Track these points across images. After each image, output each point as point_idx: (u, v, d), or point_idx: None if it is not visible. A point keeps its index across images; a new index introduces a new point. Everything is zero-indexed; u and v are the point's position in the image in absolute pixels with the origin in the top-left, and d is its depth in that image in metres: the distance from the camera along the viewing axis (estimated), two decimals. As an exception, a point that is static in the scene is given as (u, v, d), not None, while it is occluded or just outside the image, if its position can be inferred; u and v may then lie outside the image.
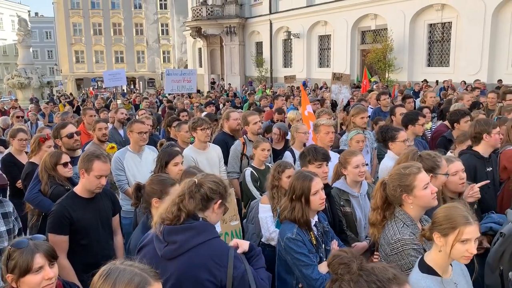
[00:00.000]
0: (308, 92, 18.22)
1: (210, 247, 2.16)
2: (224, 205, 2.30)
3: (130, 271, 1.46)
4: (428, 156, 3.17)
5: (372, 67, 22.06)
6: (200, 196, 2.22)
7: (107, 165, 3.42)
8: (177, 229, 2.16)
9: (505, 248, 2.62)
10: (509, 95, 7.65)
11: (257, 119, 5.64)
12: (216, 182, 2.29)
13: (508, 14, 17.36)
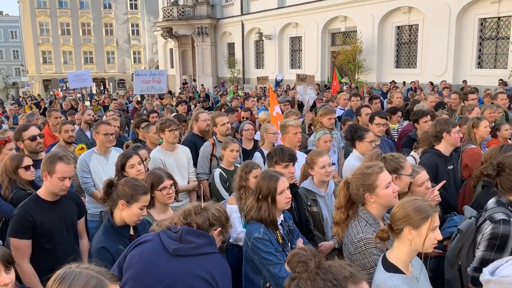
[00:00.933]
0: (280, 93, 18.34)
1: (217, 259, 2.31)
2: (223, 234, 2.39)
3: (86, 274, 1.44)
4: (392, 157, 3.23)
5: (342, 69, 22.39)
6: (207, 216, 2.33)
7: (70, 167, 3.35)
8: (195, 232, 2.26)
9: (463, 244, 2.71)
10: (471, 95, 7.91)
11: (225, 121, 5.64)
12: (220, 211, 2.39)
13: (472, 17, 17.96)
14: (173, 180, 3.43)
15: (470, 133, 4.95)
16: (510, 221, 2.47)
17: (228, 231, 2.43)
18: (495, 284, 1.71)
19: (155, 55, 48.19)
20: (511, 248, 2.44)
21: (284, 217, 3.07)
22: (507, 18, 17.13)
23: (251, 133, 5.90)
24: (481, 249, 2.53)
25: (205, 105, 11.05)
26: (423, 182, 3.16)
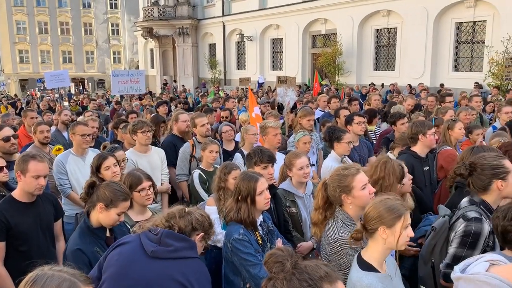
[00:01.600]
0: (262, 94, 18.39)
1: (196, 264, 2.26)
2: (205, 240, 2.37)
3: (58, 276, 1.42)
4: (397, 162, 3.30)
5: (323, 71, 22.59)
6: (190, 220, 2.29)
7: (44, 165, 3.30)
8: (175, 235, 2.22)
9: (436, 241, 2.77)
10: (448, 98, 8.09)
11: (205, 121, 5.62)
12: (203, 216, 2.36)
13: (448, 21, 18.35)
14: (152, 181, 3.41)
15: (445, 135, 5.06)
16: (482, 219, 2.54)
17: (210, 237, 2.41)
18: (465, 281, 1.75)
19: (135, 55, 47.71)
20: (482, 246, 2.51)
21: (264, 218, 3.09)
22: (482, 22, 17.56)
23: (230, 134, 5.90)
24: (453, 246, 2.60)
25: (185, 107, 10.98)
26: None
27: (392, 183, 3.14)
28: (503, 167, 2.59)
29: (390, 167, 3.15)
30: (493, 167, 2.61)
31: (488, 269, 1.74)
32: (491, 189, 2.63)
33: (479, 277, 1.71)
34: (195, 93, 25.30)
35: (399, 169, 3.21)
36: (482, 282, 1.69)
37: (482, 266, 1.77)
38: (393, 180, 3.14)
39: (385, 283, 2.15)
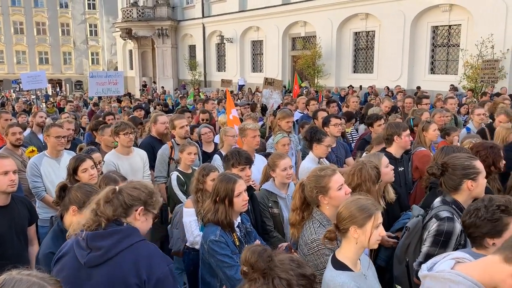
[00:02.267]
0: (241, 96, 18.41)
1: (136, 250, 2.10)
2: (150, 212, 2.22)
3: (27, 280, 1.39)
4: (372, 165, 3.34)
5: (303, 73, 22.74)
6: (118, 202, 2.15)
7: (8, 160, 3.31)
8: (101, 234, 2.09)
9: (410, 241, 2.83)
10: (425, 100, 8.26)
11: (184, 123, 5.59)
12: (138, 189, 2.20)
13: (425, 24, 18.72)
14: None
15: (420, 136, 5.16)
16: (454, 219, 2.59)
17: (155, 205, 2.24)
18: (430, 279, 1.78)
19: (114, 56, 47.11)
20: (454, 244, 2.57)
21: (242, 219, 3.09)
22: (457, 26, 17.97)
23: (208, 136, 5.89)
24: (426, 245, 2.65)
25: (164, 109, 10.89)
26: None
27: (370, 188, 3.22)
28: (474, 167, 2.65)
29: (365, 173, 3.22)
30: (464, 168, 2.68)
31: (453, 267, 1.78)
32: (462, 189, 2.69)
33: (444, 275, 1.74)
34: (174, 94, 25.14)
35: (374, 173, 3.27)
36: (447, 279, 1.72)
37: (447, 264, 1.80)
38: (370, 185, 3.22)
39: (358, 282, 2.18)
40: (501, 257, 1.67)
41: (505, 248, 1.70)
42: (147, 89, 30.96)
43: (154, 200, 2.24)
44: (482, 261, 1.77)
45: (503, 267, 1.65)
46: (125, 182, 2.32)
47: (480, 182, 2.66)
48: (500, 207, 2.19)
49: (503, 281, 1.66)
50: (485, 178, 2.78)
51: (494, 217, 2.18)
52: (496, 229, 2.18)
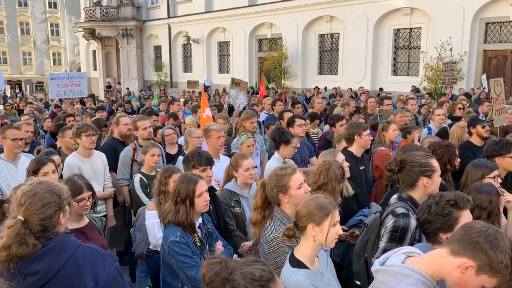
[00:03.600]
0: (208, 97, 18.33)
1: (76, 261, 1.99)
2: (68, 207, 2.08)
3: None
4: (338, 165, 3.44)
5: (269, 74, 22.88)
6: (34, 234, 1.93)
7: None
8: (33, 258, 1.90)
9: (368, 237, 2.91)
10: (386, 101, 8.49)
11: (147, 125, 5.52)
12: (45, 205, 1.96)
13: (387, 27, 19.23)
14: (92, 191, 3.29)
15: (380, 136, 5.30)
16: (409, 215, 2.68)
17: (69, 198, 2.10)
18: (382, 273, 1.84)
19: (76, 56, 45.93)
20: (409, 240, 2.66)
21: (203, 220, 3.09)
22: (417, 29, 18.56)
23: (172, 137, 5.85)
24: (383, 241, 2.73)
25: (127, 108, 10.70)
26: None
27: (335, 187, 3.33)
28: (430, 165, 2.76)
29: (332, 173, 3.33)
30: (420, 165, 2.78)
31: (404, 261, 1.85)
32: (418, 186, 2.78)
33: (394, 269, 1.81)
34: (140, 96, 24.75)
35: (339, 172, 3.37)
36: (397, 273, 1.79)
37: (398, 258, 1.87)
38: (335, 184, 3.34)
39: (314, 279, 2.22)
40: (448, 250, 1.76)
41: (451, 241, 1.78)
42: (112, 90, 30.35)
43: (65, 196, 2.07)
44: (430, 255, 1.85)
45: (450, 260, 1.73)
46: None
47: (435, 180, 2.76)
48: (449, 202, 2.28)
49: (449, 273, 1.74)
50: (440, 176, 2.90)
51: (445, 211, 2.28)
52: (448, 223, 2.27)
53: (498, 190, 2.90)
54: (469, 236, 1.71)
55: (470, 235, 1.71)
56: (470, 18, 16.41)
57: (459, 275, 1.71)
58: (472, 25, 16.51)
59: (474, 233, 1.71)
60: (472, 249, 1.68)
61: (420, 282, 1.75)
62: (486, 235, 1.69)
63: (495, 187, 2.91)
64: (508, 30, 16.26)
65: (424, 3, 17.49)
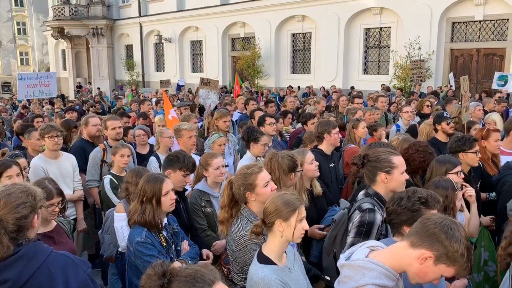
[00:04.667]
0: (182, 96, 18.19)
1: (47, 268, 1.97)
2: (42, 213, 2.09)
3: None
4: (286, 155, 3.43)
5: (243, 73, 22.90)
6: (8, 233, 1.91)
7: None
8: (4, 265, 1.88)
9: (337, 233, 2.96)
10: (357, 99, 8.64)
11: (116, 125, 5.45)
12: (20, 204, 1.96)
13: (358, 26, 19.53)
14: (62, 196, 3.23)
15: (350, 133, 5.40)
16: (375, 210, 2.74)
17: (42, 200, 2.09)
18: (347, 268, 1.89)
19: (45, 56, 44.77)
20: (375, 234, 2.72)
21: (168, 220, 3.08)
22: (387, 28, 18.93)
23: (143, 138, 5.79)
24: (351, 236, 2.78)
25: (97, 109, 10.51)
26: (312, 160, 3.27)
27: (279, 176, 3.31)
28: (390, 161, 2.80)
29: (275, 162, 3.34)
30: (380, 161, 2.83)
31: (368, 255, 1.91)
32: (377, 181, 2.84)
33: (358, 263, 1.86)
34: (111, 96, 24.36)
35: (286, 163, 3.36)
36: (361, 267, 1.85)
37: (362, 252, 1.93)
38: (279, 173, 3.32)
39: (281, 275, 2.25)
40: (407, 242, 1.83)
41: (410, 234, 1.85)
42: (83, 90, 29.74)
43: (39, 198, 2.07)
44: (392, 248, 1.91)
45: (409, 252, 1.80)
46: None
47: (395, 177, 2.78)
48: (421, 199, 2.35)
49: (410, 265, 1.81)
50: (406, 174, 2.93)
51: (414, 207, 2.35)
52: (414, 219, 2.33)
53: (454, 185, 2.99)
54: (426, 228, 1.78)
55: (427, 227, 1.78)
56: (437, 18, 16.86)
57: (418, 266, 1.78)
58: (439, 24, 16.96)
59: (430, 224, 1.78)
60: (429, 240, 1.75)
61: (383, 275, 1.81)
62: (441, 226, 1.76)
63: (452, 183, 3.00)
64: (473, 29, 16.77)
65: (393, 3, 17.85)
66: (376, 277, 1.80)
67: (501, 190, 3.84)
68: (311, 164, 3.67)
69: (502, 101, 8.94)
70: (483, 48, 16.63)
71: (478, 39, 16.70)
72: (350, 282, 1.85)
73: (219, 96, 11.46)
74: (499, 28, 16.13)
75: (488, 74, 16.56)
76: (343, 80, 19.83)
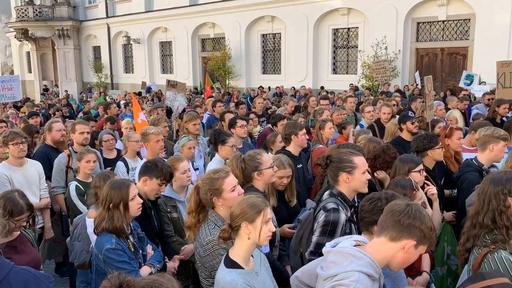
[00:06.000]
0: (151, 98, 17.95)
1: (8, 284, 1.93)
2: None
3: None
4: (249, 157, 3.42)
5: (214, 74, 22.84)
6: None
7: None
8: None
9: (303, 233, 3.01)
10: (322, 101, 8.76)
11: (84, 129, 5.34)
12: None
13: (326, 27, 19.80)
14: (32, 210, 3.15)
15: (317, 134, 5.48)
16: (339, 209, 2.80)
17: (12, 221, 2.10)
18: (334, 254, 1.97)
19: (8, 58, 43.27)
20: (340, 233, 2.77)
21: (133, 225, 3.06)
22: (355, 29, 19.27)
23: (111, 143, 5.69)
24: (316, 235, 2.84)
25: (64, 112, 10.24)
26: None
27: (237, 175, 3.26)
28: (351, 162, 2.87)
29: (233, 164, 3.39)
30: (341, 161, 2.89)
31: (354, 246, 2.00)
32: (340, 181, 2.90)
33: (348, 250, 1.95)
34: (79, 99, 23.83)
35: (241, 165, 3.38)
36: (349, 254, 1.93)
37: (349, 242, 2.03)
38: (237, 174, 3.30)
39: (248, 279, 2.27)
40: (386, 238, 1.95)
41: (385, 229, 1.96)
42: (50, 93, 28.96)
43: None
44: (372, 244, 2.01)
45: (391, 246, 1.94)
46: None
47: (357, 177, 2.85)
48: None
49: (394, 257, 1.95)
50: (368, 174, 3.00)
51: None
52: None
53: (413, 185, 3.06)
54: (401, 221, 1.92)
55: (400, 219, 1.92)
56: (403, 18, 17.28)
57: (403, 255, 1.94)
58: (405, 24, 17.39)
59: (403, 217, 1.92)
60: (408, 230, 1.91)
61: (369, 265, 1.90)
62: (411, 214, 1.92)
63: (411, 182, 3.08)
64: (437, 29, 17.28)
65: (359, 4, 18.18)
66: (363, 265, 1.89)
67: (461, 187, 3.98)
68: (270, 168, 3.47)
69: (464, 99, 9.24)
70: (447, 47, 17.17)
71: (442, 38, 17.23)
72: (336, 267, 1.92)
73: (187, 99, 11.36)
74: (462, 27, 16.68)
75: (452, 73, 17.13)
76: (313, 80, 20.05)
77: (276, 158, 3.75)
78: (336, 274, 1.90)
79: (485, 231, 2.46)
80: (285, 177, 3.67)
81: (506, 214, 2.40)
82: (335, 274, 1.90)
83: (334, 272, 1.91)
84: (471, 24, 16.16)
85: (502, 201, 2.41)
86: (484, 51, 15.06)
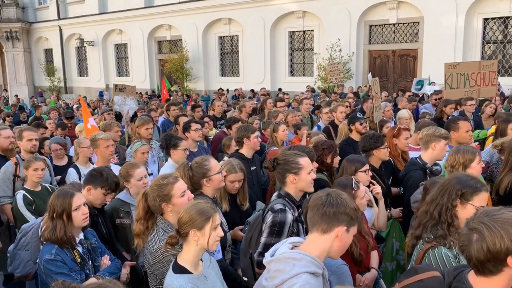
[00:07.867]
0: (107, 103, 17.54)
1: None
2: None
3: None
4: (197, 164, 3.41)
5: (171, 77, 22.59)
6: None
7: None
8: None
9: (252, 234, 3.07)
10: (279, 103, 8.87)
11: (32, 136, 5.16)
12: None
13: (282, 30, 20.04)
14: None
15: (272, 136, 5.57)
16: (286, 210, 2.87)
17: None
18: (276, 262, 2.00)
19: (-47, 61, 40.99)
20: (287, 233, 2.84)
21: (85, 235, 2.99)
22: (310, 31, 19.62)
23: (60, 153, 5.54)
24: (264, 236, 2.89)
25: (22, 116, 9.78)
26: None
27: None
28: (297, 163, 2.95)
29: (180, 171, 3.37)
30: (287, 163, 2.97)
31: (291, 249, 2.05)
32: (287, 182, 2.98)
33: (287, 255, 2.00)
34: (30, 103, 22.93)
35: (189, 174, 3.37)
36: (290, 258, 1.98)
37: (286, 247, 2.08)
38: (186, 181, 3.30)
39: (197, 284, 2.29)
40: (319, 232, 2.04)
41: (315, 224, 2.04)
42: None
43: None
44: (308, 242, 2.08)
45: (325, 238, 2.03)
46: None
47: (303, 177, 2.94)
48: None
49: (331, 247, 2.04)
50: (314, 174, 3.09)
51: None
52: None
53: (353, 184, 3.17)
54: (326, 212, 2.01)
55: (326, 211, 2.01)
56: (356, 21, 17.76)
57: (339, 243, 2.03)
58: (358, 27, 17.89)
59: (327, 208, 2.01)
60: (336, 219, 2.00)
61: (311, 263, 1.96)
62: (334, 202, 2.02)
63: (351, 181, 3.19)
64: (388, 32, 17.89)
65: (314, 7, 18.54)
66: (306, 265, 1.94)
67: (406, 185, 4.15)
68: (217, 173, 3.44)
69: (412, 100, 9.66)
70: (398, 49, 17.79)
71: (393, 41, 17.84)
72: (281, 275, 1.95)
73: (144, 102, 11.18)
74: (411, 30, 17.35)
75: (404, 74, 17.79)
76: (271, 82, 20.24)
77: (227, 162, 3.77)
78: (283, 282, 1.92)
79: (432, 223, 2.54)
80: (236, 181, 3.69)
81: (451, 212, 2.48)
82: (282, 282, 1.93)
83: (280, 280, 1.94)
84: (420, 27, 16.83)
85: (452, 200, 2.48)
86: (432, 53, 15.74)
